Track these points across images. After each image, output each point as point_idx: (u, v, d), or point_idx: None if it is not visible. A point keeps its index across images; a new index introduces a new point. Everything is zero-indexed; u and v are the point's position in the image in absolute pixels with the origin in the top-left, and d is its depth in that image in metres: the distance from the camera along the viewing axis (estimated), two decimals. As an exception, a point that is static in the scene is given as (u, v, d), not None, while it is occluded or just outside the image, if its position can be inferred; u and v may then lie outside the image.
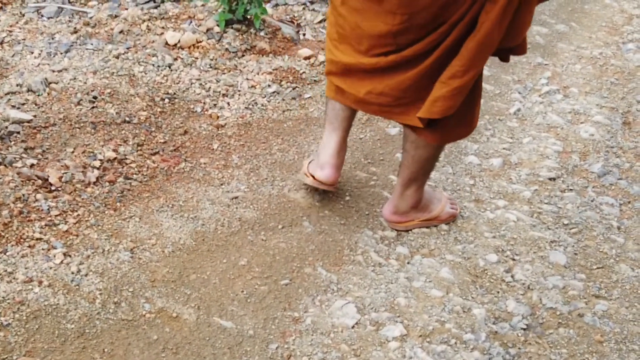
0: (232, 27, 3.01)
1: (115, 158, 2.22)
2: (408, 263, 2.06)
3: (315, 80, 2.90)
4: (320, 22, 3.32)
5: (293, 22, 3.28)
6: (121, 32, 2.89)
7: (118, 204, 2.08)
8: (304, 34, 3.20)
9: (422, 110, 1.86)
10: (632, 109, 3.00)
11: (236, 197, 2.21)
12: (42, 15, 3.04)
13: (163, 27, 2.96)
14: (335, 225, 2.16)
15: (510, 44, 1.82)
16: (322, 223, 2.16)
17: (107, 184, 2.13)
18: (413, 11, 1.71)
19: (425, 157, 2.04)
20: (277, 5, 3.46)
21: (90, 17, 3.02)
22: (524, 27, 1.80)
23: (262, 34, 3.05)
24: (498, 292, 1.98)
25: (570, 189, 2.45)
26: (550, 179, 2.50)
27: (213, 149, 2.41)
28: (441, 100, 1.82)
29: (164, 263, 1.91)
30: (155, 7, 3.11)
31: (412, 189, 2.12)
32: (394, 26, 1.75)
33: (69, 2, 3.15)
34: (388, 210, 2.17)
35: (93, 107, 2.43)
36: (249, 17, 3.04)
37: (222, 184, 2.26)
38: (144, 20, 2.97)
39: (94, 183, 2.11)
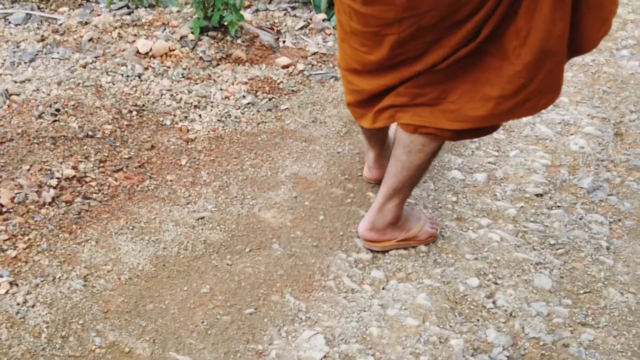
0: (207, 35, 2.89)
1: (74, 176, 2.09)
2: (383, 289, 1.94)
3: (293, 91, 2.78)
4: (301, 28, 3.20)
5: (273, 29, 3.15)
6: (90, 40, 2.77)
7: (74, 226, 1.95)
8: (284, 41, 3.08)
9: (503, 117, 1.82)
10: (624, 119, 2.88)
11: (202, 218, 2.08)
12: (9, 22, 2.92)
13: (135, 35, 2.83)
14: (307, 247, 2.04)
15: (579, 53, 1.79)
16: (292, 245, 2.04)
17: (64, 204, 2.01)
18: (415, 14, 1.63)
19: (417, 163, 1.91)
20: (257, 10, 3.33)
21: (60, 24, 2.90)
22: (592, 33, 1.74)
23: (239, 41, 2.92)
24: (478, 320, 1.86)
25: (558, 206, 2.33)
26: (537, 195, 2.38)
27: (181, 165, 2.29)
28: (520, 108, 1.77)
29: (119, 291, 1.78)
30: (129, 14, 2.98)
31: (393, 203, 1.99)
32: (400, 34, 1.67)
33: (39, 8, 3.03)
34: (364, 226, 2.03)
35: (55, 121, 2.31)
36: (225, 23, 2.92)
37: (188, 203, 2.13)
38: (115, 28, 2.84)
39: (49, 204, 1.99)
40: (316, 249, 2.03)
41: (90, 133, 2.29)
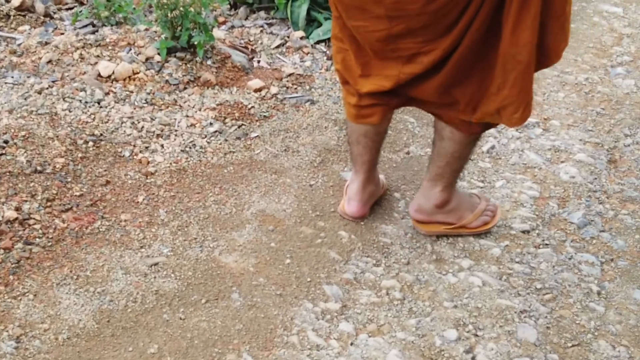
0: (175, 56, 2.71)
1: (16, 218, 1.92)
2: (351, 344, 1.77)
3: (265, 116, 2.60)
4: (277, 47, 3.03)
5: (247, 48, 2.98)
6: (49, 62, 2.60)
7: (11, 277, 1.78)
8: (259, 61, 2.91)
9: (496, 119, 1.86)
10: (619, 144, 2.71)
11: (156, 264, 1.91)
12: (-36, 43, 2.75)
13: (98, 56, 2.66)
14: (270, 296, 1.87)
15: (542, 67, 1.81)
16: (254, 294, 1.86)
17: (2, 251, 1.83)
18: (404, 15, 1.67)
19: (450, 150, 1.95)
20: (232, 27, 3.16)
21: (19, 44, 2.73)
22: (554, 46, 1.75)
23: (209, 62, 2.75)
24: (455, 381, 1.69)
25: (546, 244, 2.16)
26: (523, 232, 2.21)
27: (138, 202, 2.12)
28: (501, 113, 1.80)
29: (55, 354, 1.61)
30: (93, 33, 2.81)
31: (437, 189, 2.03)
32: (391, 28, 1.71)
33: (-3, 27, 2.86)
34: (413, 207, 2.09)
35: (1, 155, 2.13)
36: (195, 43, 2.74)
37: (141, 247, 1.96)
38: (77, 48, 2.67)
39: (-14, 251, 1.82)
40: (280, 299, 1.86)
41: (39, 168, 2.12)
